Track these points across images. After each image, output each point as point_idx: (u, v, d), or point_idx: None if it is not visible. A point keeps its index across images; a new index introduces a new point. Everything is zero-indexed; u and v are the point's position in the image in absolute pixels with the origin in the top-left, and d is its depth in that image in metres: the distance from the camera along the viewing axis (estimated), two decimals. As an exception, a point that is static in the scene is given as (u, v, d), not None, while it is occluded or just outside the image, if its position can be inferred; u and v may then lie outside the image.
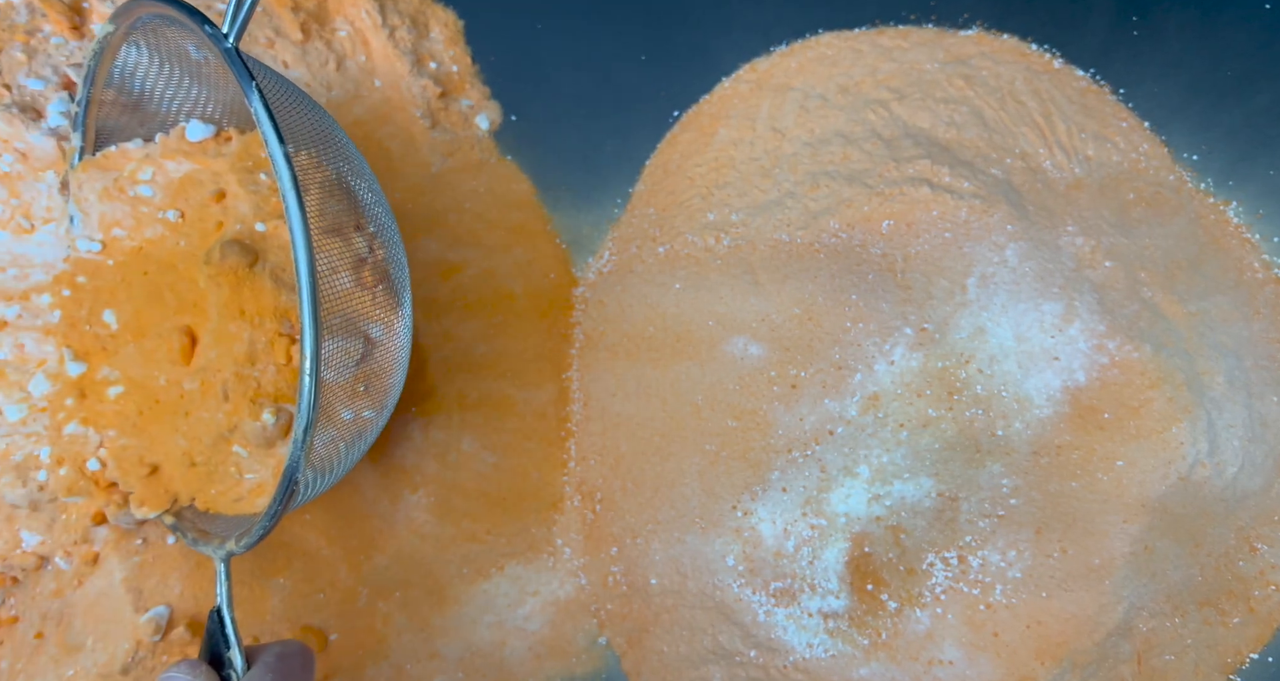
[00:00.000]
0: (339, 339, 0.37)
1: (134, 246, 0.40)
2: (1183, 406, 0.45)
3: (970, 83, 0.52)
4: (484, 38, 0.55)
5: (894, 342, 0.46)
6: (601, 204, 0.54)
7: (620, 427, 0.49)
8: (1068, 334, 0.46)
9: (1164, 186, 0.51)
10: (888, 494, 0.45)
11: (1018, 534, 0.45)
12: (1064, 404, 0.45)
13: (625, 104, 0.54)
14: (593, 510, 0.50)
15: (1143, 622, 0.46)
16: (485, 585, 0.48)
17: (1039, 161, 0.50)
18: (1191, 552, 0.47)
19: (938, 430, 0.45)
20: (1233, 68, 0.52)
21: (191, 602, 0.44)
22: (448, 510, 0.48)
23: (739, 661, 0.46)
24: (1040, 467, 0.45)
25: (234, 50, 0.33)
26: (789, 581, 0.46)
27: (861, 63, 0.53)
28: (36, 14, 0.45)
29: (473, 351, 0.51)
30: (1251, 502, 0.48)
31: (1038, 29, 0.54)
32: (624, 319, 0.51)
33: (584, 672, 0.49)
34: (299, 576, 0.46)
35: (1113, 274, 0.47)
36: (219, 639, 0.36)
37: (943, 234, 0.47)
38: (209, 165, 0.41)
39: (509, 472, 0.50)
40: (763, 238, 0.49)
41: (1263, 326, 0.50)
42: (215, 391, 0.38)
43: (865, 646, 0.45)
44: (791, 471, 0.46)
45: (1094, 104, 0.53)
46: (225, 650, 0.35)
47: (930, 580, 0.45)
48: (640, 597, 0.48)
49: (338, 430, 0.37)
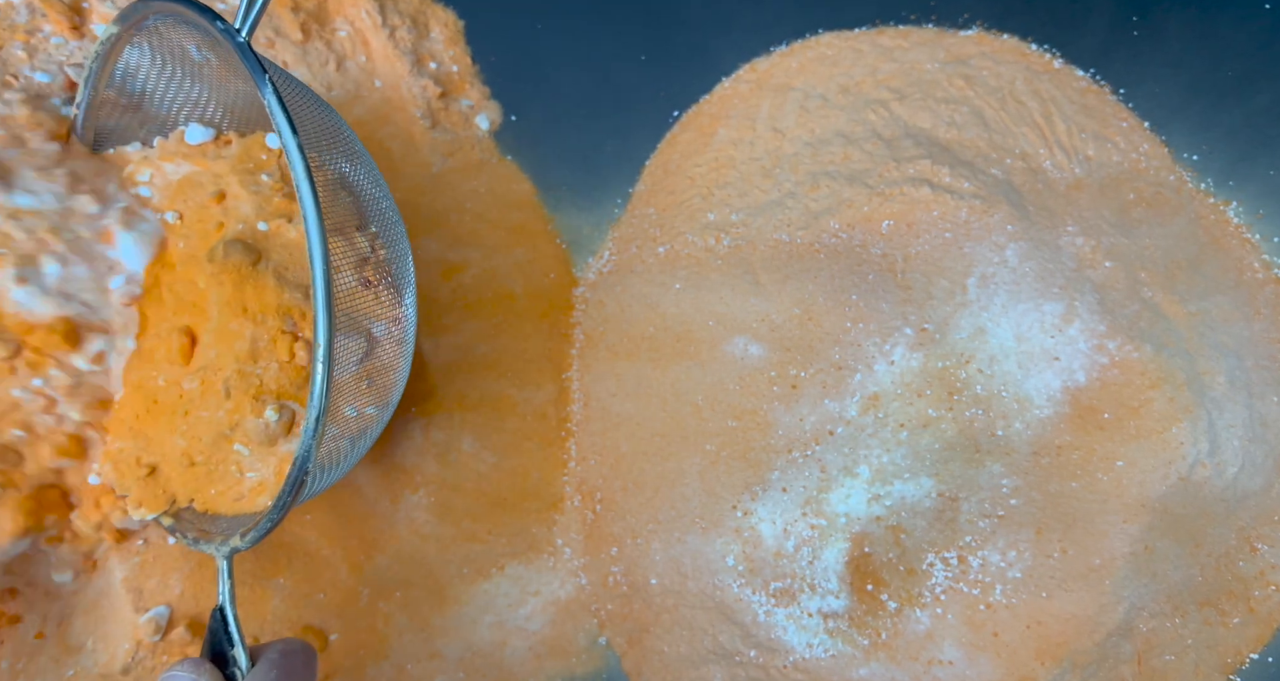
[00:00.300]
0: (342, 336, 0.37)
1: None
2: (1183, 406, 0.45)
3: (970, 83, 0.52)
4: (484, 38, 0.55)
5: (894, 343, 0.46)
6: (601, 204, 0.54)
7: (620, 427, 0.49)
8: (1068, 334, 0.46)
9: (1164, 186, 0.51)
10: (888, 494, 0.45)
11: (1018, 534, 0.45)
12: (1064, 404, 0.45)
13: (625, 104, 0.54)
14: (593, 510, 0.50)
15: (1143, 623, 0.46)
16: (485, 585, 0.48)
17: (1039, 161, 0.50)
18: (1192, 553, 0.47)
19: (938, 430, 0.45)
20: (1233, 68, 0.52)
21: (191, 602, 0.44)
22: (448, 510, 0.48)
23: (739, 661, 0.46)
24: (1040, 468, 0.45)
25: (246, 45, 0.33)
26: (789, 581, 0.46)
27: (862, 63, 0.53)
28: (37, 14, 0.45)
29: (473, 351, 0.51)
30: (1252, 503, 0.48)
31: (1038, 29, 0.54)
32: (624, 319, 0.51)
33: (584, 672, 0.49)
34: (299, 576, 0.46)
35: (1113, 274, 0.47)
36: (222, 637, 0.36)
37: (943, 234, 0.47)
38: (209, 167, 0.41)
39: (509, 472, 0.50)
40: (763, 238, 0.49)
41: (1263, 326, 0.50)
42: (216, 390, 0.38)
43: (865, 646, 0.45)
44: (791, 471, 0.46)
45: (1094, 104, 0.53)
46: (229, 648, 0.35)
47: (930, 580, 0.45)
48: (640, 597, 0.48)
49: (341, 426, 0.37)
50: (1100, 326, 0.45)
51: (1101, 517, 0.45)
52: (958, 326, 0.46)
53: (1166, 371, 0.45)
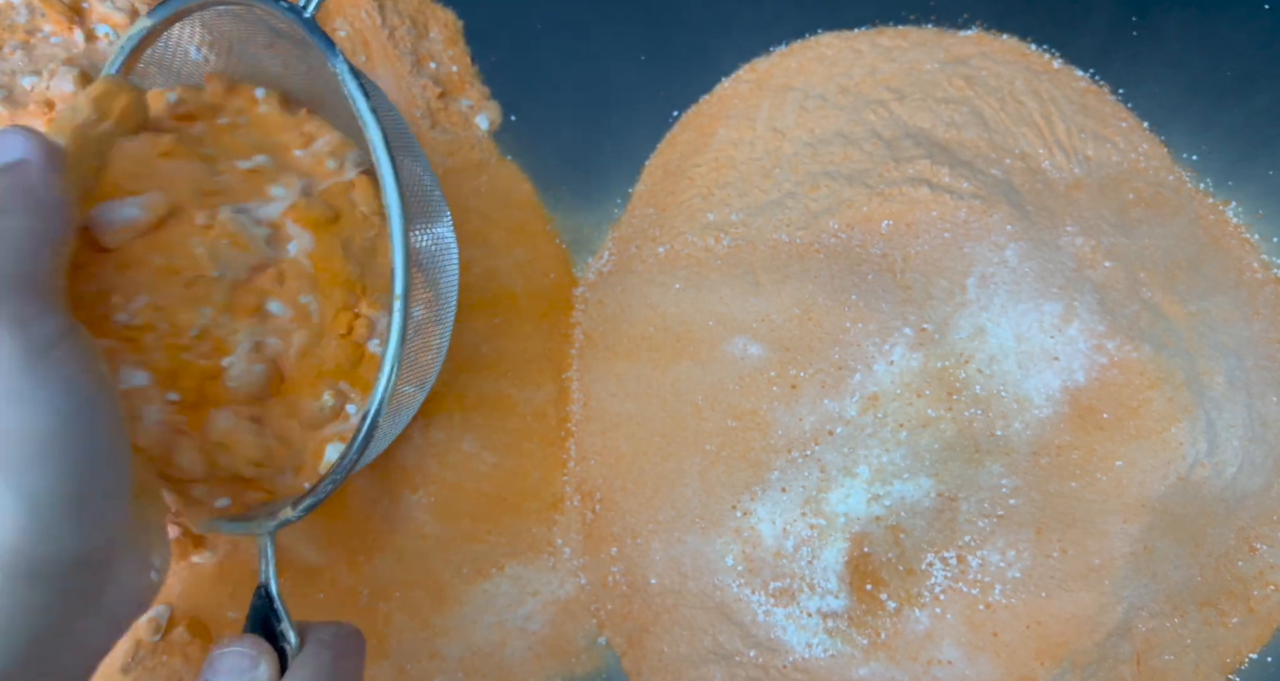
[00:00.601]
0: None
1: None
2: (1182, 406, 0.45)
3: (970, 83, 0.52)
4: (484, 38, 0.55)
5: (893, 343, 0.46)
6: (601, 204, 0.54)
7: (620, 427, 0.49)
8: (1067, 334, 0.46)
9: (1164, 186, 0.51)
10: (887, 494, 0.45)
11: (1017, 534, 0.45)
12: (1064, 404, 0.45)
13: (625, 104, 0.54)
14: (593, 510, 0.50)
15: (1142, 623, 0.46)
16: (485, 585, 0.48)
17: (1039, 161, 0.50)
18: (1191, 553, 0.47)
19: (937, 430, 0.45)
20: (1233, 68, 0.52)
21: (191, 602, 0.44)
22: (448, 510, 0.48)
23: (738, 661, 0.46)
24: (1040, 468, 0.45)
25: (312, 21, 0.35)
26: (788, 581, 0.46)
27: (861, 63, 0.53)
28: (36, 14, 0.45)
29: (473, 351, 0.51)
30: (1251, 502, 0.48)
31: (1037, 29, 0.54)
32: (624, 319, 0.51)
33: (584, 672, 0.49)
34: (299, 576, 0.46)
35: (1112, 274, 0.47)
36: (268, 615, 0.35)
37: (942, 234, 0.47)
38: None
39: (509, 472, 0.50)
40: (763, 238, 0.49)
41: (1263, 326, 0.50)
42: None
43: (864, 646, 0.45)
44: (791, 471, 0.46)
45: (1094, 104, 0.53)
46: (275, 624, 0.35)
47: (929, 580, 0.45)
48: (640, 597, 0.48)
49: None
50: (1100, 326, 0.45)
51: (1101, 517, 0.45)
52: (957, 326, 0.46)
53: (1166, 371, 0.45)
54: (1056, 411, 0.45)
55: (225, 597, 0.44)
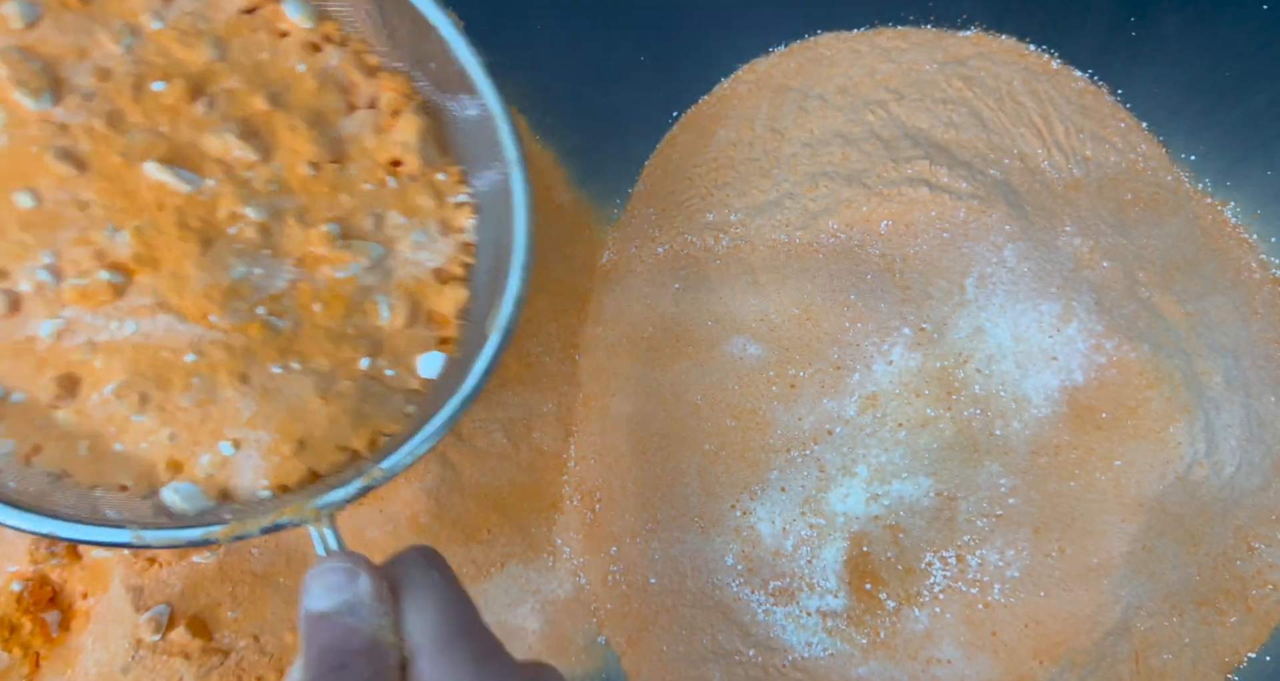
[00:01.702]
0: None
1: None
2: (1180, 406, 0.45)
3: (969, 83, 0.52)
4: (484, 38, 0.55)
5: (892, 342, 0.46)
6: (601, 204, 0.54)
7: (620, 427, 0.49)
8: (1066, 334, 0.46)
9: (1162, 187, 0.51)
10: (886, 493, 0.45)
11: (1016, 533, 0.45)
12: (1062, 404, 0.45)
13: (625, 104, 0.54)
14: (592, 510, 0.50)
15: (1141, 622, 0.46)
16: (485, 585, 0.48)
17: (1037, 162, 0.50)
18: (1189, 552, 0.47)
19: (936, 430, 0.45)
20: (1231, 68, 0.52)
21: (191, 602, 0.44)
22: (448, 510, 0.49)
23: (738, 660, 0.46)
24: (1038, 467, 0.45)
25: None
26: (788, 580, 0.46)
27: (860, 63, 0.53)
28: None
29: (472, 351, 0.51)
30: (1249, 502, 0.48)
31: (1036, 30, 0.54)
32: (624, 319, 0.51)
33: (584, 672, 0.49)
34: (299, 576, 0.46)
35: (1111, 274, 0.48)
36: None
37: (941, 234, 0.47)
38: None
39: (509, 472, 0.50)
40: (762, 238, 0.49)
41: (1260, 326, 0.50)
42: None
43: (864, 645, 0.45)
44: (790, 471, 0.46)
45: (1092, 104, 0.53)
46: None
47: (929, 579, 0.45)
48: (640, 597, 0.48)
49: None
50: (1098, 326, 0.45)
51: (1099, 517, 0.45)
52: (956, 326, 0.46)
53: (1164, 371, 0.45)
54: (1055, 411, 0.45)
55: (225, 597, 0.44)
